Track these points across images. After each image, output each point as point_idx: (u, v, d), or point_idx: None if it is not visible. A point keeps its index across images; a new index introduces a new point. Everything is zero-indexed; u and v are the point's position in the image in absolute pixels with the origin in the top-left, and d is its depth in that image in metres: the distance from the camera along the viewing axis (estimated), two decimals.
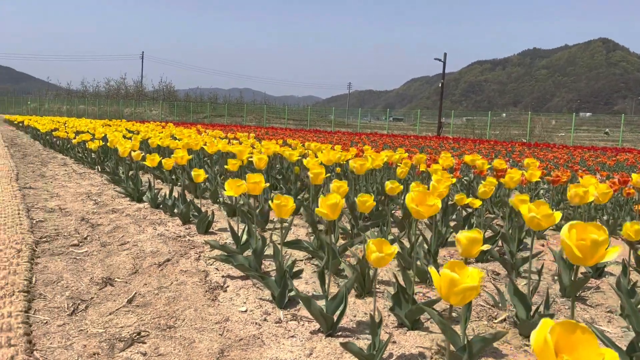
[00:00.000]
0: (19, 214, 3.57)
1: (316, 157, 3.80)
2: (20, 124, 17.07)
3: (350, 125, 40.35)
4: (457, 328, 1.74)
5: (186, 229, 3.17)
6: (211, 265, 2.48)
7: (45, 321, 1.84)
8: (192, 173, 3.07)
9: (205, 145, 4.73)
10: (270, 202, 2.05)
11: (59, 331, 1.77)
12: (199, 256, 2.60)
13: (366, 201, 2.10)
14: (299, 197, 3.96)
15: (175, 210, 3.43)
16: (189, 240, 2.90)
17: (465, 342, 1.42)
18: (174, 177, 5.04)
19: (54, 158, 7.74)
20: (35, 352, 1.60)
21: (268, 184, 2.69)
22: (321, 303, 1.82)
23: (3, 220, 3.34)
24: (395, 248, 1.49)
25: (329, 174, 3.94)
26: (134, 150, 3.99)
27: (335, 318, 1.75)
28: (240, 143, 6.79)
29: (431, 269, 1.18)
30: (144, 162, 4.27)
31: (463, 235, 1.46)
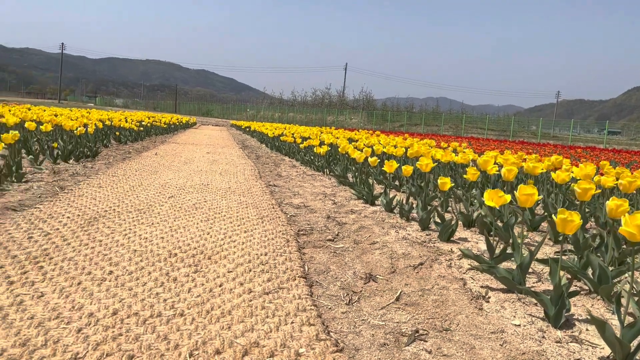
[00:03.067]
0: (273, 207, 4.05)
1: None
2: (247, 129, 19.42)
3: (558, 137, 36.96)
4: None
5: (426, 235, 3.23)
6: (465, 273, 2.49)
7: (329, 307, 2.05)
8: (439, 181, 3.12)
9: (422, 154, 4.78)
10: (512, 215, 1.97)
11: (344, 317, 1.95)
12: (450, 263, 2.62)
13: None
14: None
15: (414, 216, 3.53)
16: (433, 246, 2.95)
17: None
18: (397, 183, 5.19)
19: (282, 160, 8.62)
20: (331, 334, 1.79)
21: (540, 196, 2.60)
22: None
23: (265, 212, 3.83)
24: None
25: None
26: (370, 157, 4.21)
27: (631, 348, 1.60)
28: (456, 153, 6.70)
29: None
30: (377, 168, 4.47)
31: None
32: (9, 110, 9.75)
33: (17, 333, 1.58)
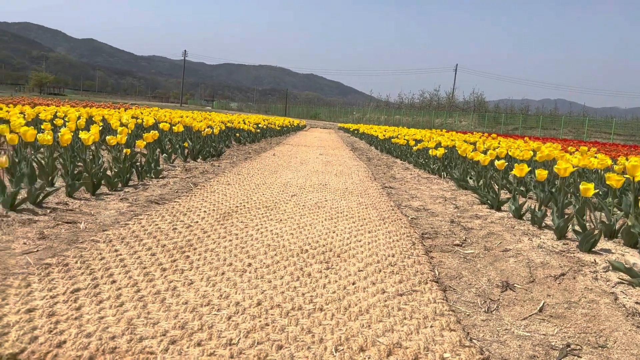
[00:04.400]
0: (393, 209, 4.02)
1: None
2: (355, 131, 19.57)
3: None
4: None
5: (563, 244, 3.01)
6: (614, 287, 2.27)
7: (467, 313, 1.98)
8: (581, 187, 2.89)
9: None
10: None
11: (485, 325, 1.87)
12: (596, 275, 2.41)
13: None
14: None
15: (547, 224, 3.30)
16: (574, 256, 2.73)
17: None
18: (522, 188, 4.91)
19: (394, 163, 8.55)
20: (474, 341, 1.72)
21: None
22: None
23: (385, 214, 3.81)
24: None
25: None
26: (499, 159, 4.02)
27: None
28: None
29: None
30: (499, 172, 4.26)
31: None
32: (149, 113, 10.68)
33: (175, 316, 1.70)
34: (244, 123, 12.24)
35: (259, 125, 13.61)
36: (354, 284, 2.17)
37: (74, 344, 1.45)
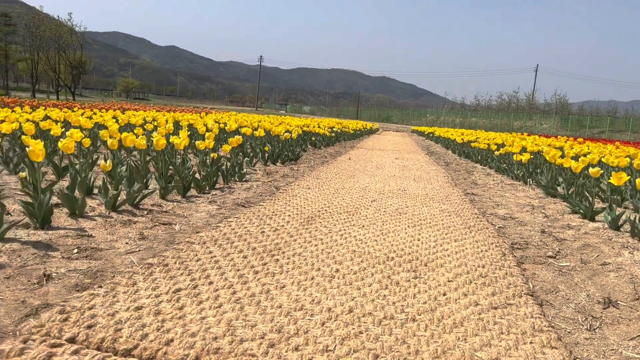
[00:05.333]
0: (478, 217, 3.90)
1: None
2: (430, 134, 19.22)
3: None
4: None
5: None
6: None
7: (567, 330, 1.88)
8: None
9: None
10: None
11: (588, 344, 1.77)
12: None
13: None
14: None
15: None
16: None
17: None
18: (617, 197, 4.61)
19: (474, 168, 8.31)
20: None
21: None
22: None
23: (470, 222, 3.70)
24: None
25: None
26: (592, 167, 3.79)
27: None
28: None
29: None
30: (592, 180, 4.02)
31: None
32: (229, 117, 11.07)
33: (271, 319, 1.74)
34: (319, 127, 12.38)
35: (334, 129, 13.70)
36: (444, 294, 2.12)
37: (180, 342, 1.53)
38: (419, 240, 3.03)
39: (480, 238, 3.20)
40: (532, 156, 6.45)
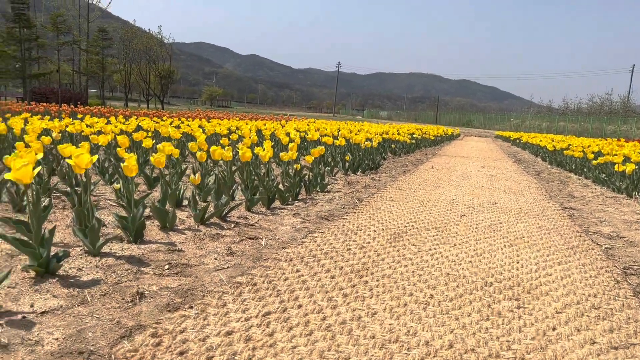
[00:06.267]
0: (580, 236, 3.57)
1: None
2: (516, 140, 18.32)
3: None
4: None
5: None
6: None
7: None
8: None
9: None
10: None
11: None
12: None
13: None
14: None
15: None
16: None
17: None
18: None
19: (568, 178, 7.75)
20: None
21: None
22: None
23: (573, 242, 3.40)
24: None
25: None
26: None
27: None
28: None
29: None
30: None
31: None
32: (307, 124, 11.15)
33: (365, 352, 1.63)
34: (398, 134, 12.15)
35: (414, 135, 13.41)
36: (554, 329, 1.91)
37: None
38: (518, 262, 2.80)
39: (586, 261, 2.91)
40: (636, 167, 5.88)
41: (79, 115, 10.83)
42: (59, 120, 7.87)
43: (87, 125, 6.47)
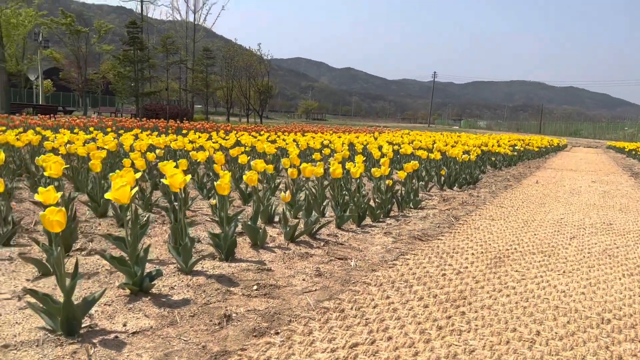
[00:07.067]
0: None
1: None
2: (633, 152, 16.73)
3: None
4: None
5: None
6: None
7: None
8: None
9: None
10: None
11: None
12: None
13: None
14: None
15: None
16: None
17: None
18: None
19: None
20: None
21: None
22: None
23: None
24: None
25: None
26: None
27: None
28: None
29: None
30: None
31: None
32: (401, 136, 10.95)
33: None
34: (499, 145, 11.54)
35: (515, 146, 12.68)
36: None
37: None
38: (639, 296, 2.46)
39: None
40: None
41: (184, 131, 11.48)
42: (165, 135, 8.39)
43: (190, 142, 6.80)
